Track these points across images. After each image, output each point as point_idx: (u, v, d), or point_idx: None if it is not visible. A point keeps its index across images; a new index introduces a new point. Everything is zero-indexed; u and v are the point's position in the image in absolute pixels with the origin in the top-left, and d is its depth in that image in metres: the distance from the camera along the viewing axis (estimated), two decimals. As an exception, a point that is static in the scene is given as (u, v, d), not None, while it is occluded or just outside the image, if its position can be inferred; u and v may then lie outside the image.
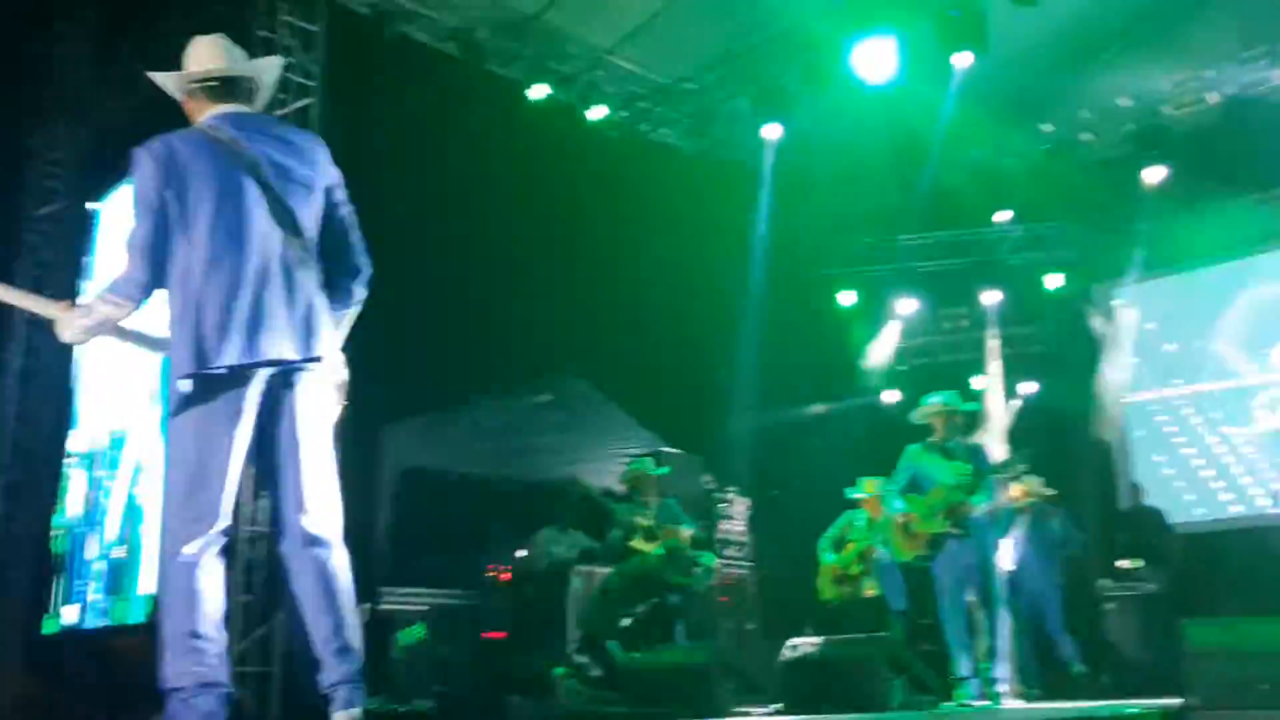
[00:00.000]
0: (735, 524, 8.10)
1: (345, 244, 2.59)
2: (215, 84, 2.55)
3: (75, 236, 8.69)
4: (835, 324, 10.41)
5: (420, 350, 7.25)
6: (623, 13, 7.89)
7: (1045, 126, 9.23)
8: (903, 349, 10.55)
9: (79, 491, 8.12)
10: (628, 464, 6.60)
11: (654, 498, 6.13)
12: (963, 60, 7.15)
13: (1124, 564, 7.11)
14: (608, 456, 8.67)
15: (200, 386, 2.30)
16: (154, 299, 2.43)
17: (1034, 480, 6.40)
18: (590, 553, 6.67)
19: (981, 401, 9.71)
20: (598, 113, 8.35)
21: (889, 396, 10.05)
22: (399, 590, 6.98)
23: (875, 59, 6.97)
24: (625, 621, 5.70)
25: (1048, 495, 6.44)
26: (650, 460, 6.45)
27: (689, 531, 6.05)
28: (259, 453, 2.41)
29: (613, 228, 8.21)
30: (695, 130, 9.07)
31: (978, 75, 7.42)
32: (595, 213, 8.09)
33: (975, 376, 9.48)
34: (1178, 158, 8.64)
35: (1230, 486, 8.69)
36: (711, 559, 6.56)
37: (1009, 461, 5.88)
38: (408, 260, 5.81)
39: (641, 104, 8.72)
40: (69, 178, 9.14)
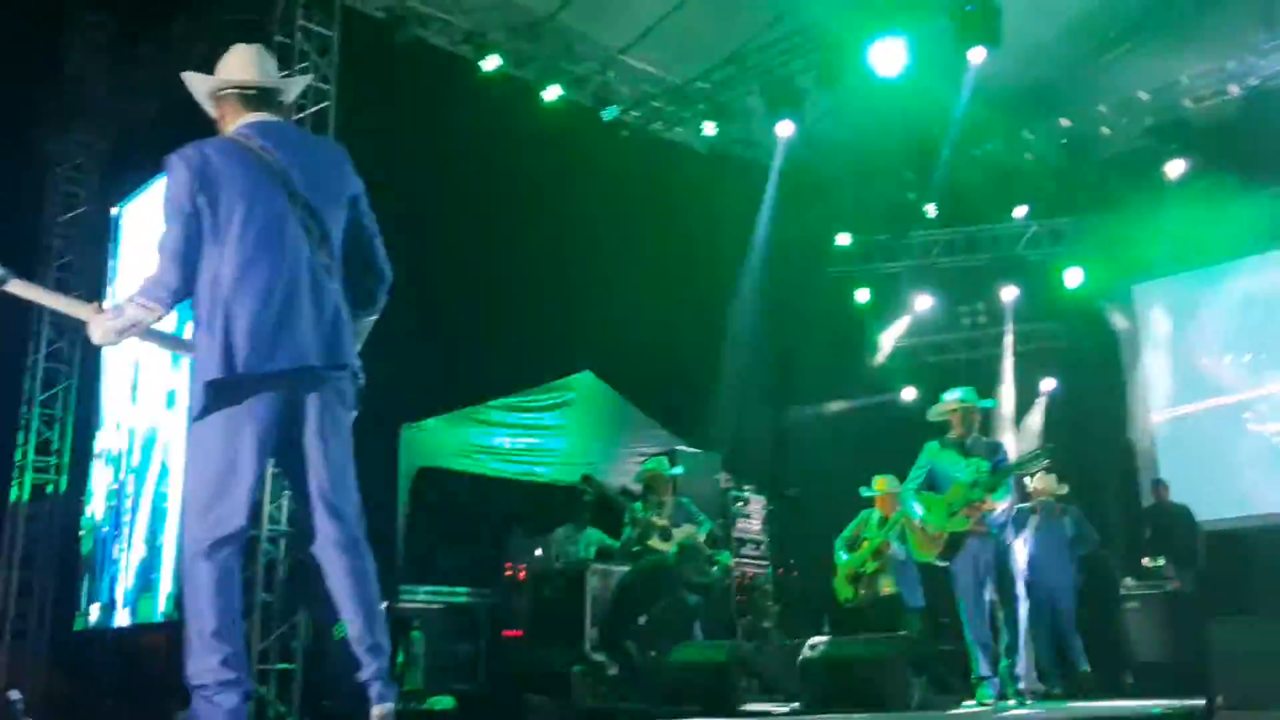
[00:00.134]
0: (752, 523, 8.10)
1: (369, 252, 2.62)
2: (252, 93, 2.60)
3: (98, 241, 8.81)
4: (851, 322, 10.38)
5: (438, 350, 7.30)
6: (635, 13, 7.90)
7: (1063, 121, 9.16)
8: (920, 345, 10.51)
9: (104, 491, 8.24)
10: (643, 463, 6.60)
11: (670, 497, 6.12)
12: (977, 55, 7.11)
13: (1147, 562, 7.03)
14: (624, 455, 8.69)
15: (226, 391, 2.34)
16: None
17: (1050, 478, 6.34)
18: (607, 551, 6.68)
19: (999, 398, 9.68)
20: (611, 113, 8.38)
21: (907, 393, 10.01)
22: (419, 589, 7.04)
23: (887, 54, 6.95)
24: (642, 620, 5.70)
25: (1060, 493, 6.37)
26: (665, 459, 6.45)
27: (705, 531, 6.04)
28: (284, 457, 2.45)
29: (628, 226, 8.23)
30: (708, 129, 9.06)
31: (993, 70, 7.37)
32: (610, 212, 8.12)
33: (993, 372, 9.41)
34: (1198, 151, 8.53)
35: (1258, 484, 8.57)
36: (728, 558, 6.55)
37: (1029, 458, 5.83)
38: (424, 262, 5.86)
39: (654, 103, 8.73)
40: (90, 183, 9.28)
